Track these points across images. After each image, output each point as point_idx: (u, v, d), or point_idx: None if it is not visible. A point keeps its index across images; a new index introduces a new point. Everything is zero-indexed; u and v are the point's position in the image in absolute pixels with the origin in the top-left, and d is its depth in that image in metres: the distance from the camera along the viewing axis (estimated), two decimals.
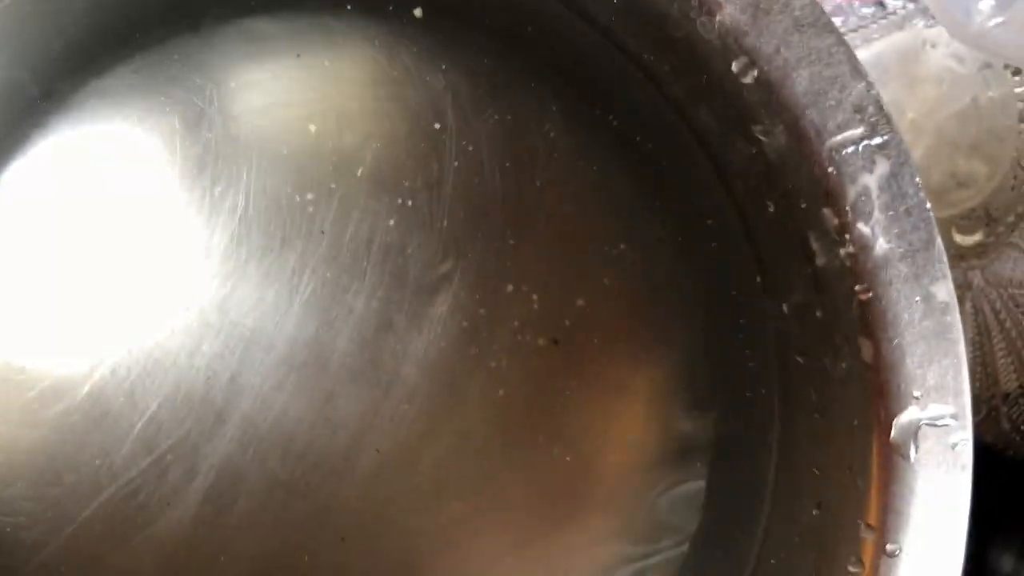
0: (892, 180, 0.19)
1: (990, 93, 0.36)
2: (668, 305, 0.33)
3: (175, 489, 0.33)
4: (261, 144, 0.33)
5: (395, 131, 0.34)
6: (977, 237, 0.38)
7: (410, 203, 0.34)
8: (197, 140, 0.33)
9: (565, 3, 0.25)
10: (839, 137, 0.19)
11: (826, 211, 0.19)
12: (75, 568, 0.33)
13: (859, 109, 0.19)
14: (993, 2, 0.31)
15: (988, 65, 0.37)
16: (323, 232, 0.34)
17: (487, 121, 0.33)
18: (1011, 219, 0.37)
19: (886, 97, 0.19)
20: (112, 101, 0.33)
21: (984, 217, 0.37)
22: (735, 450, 0.29)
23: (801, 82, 0.19)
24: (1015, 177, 0.37)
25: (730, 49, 0.19)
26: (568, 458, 0.34)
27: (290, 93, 0.34)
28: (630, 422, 0.34)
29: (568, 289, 0.34)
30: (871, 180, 0.19)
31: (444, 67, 0.33)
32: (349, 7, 0.34)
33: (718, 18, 0.19)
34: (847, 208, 0.19)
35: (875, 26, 0.36)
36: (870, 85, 0.18)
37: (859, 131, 0.19)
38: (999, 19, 0.30)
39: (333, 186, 0.34)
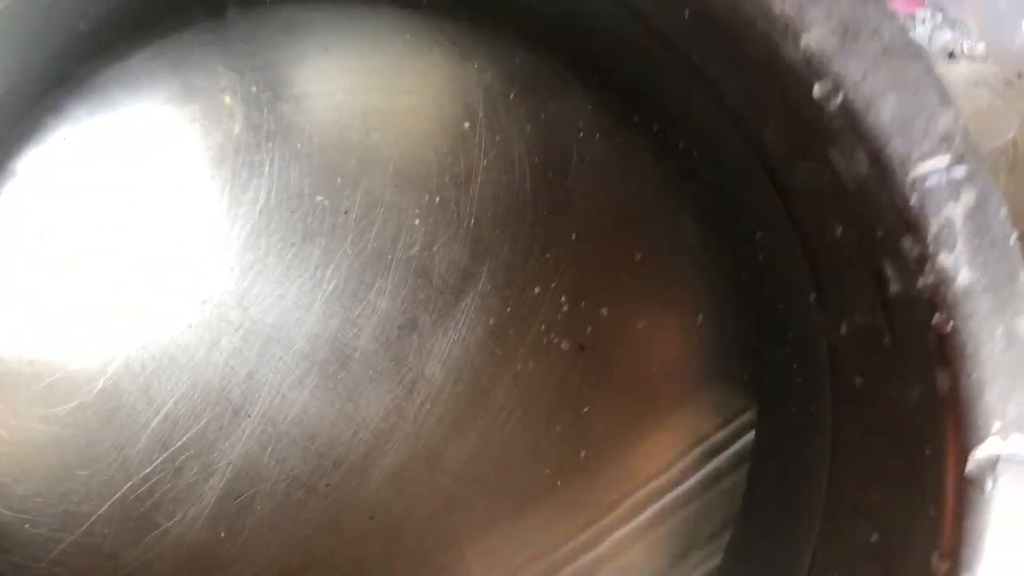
0: (977, 211, 0.18)
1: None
2: (702, 318, 0.32)
3: (191, 487, 0.32)
4: (284, 136, 0.32)
5: (424, 127, 0.33)
6: None
7: (437, 200, 0.33)
8: (218, 129, 0.32)
9: (625, 7, 0.24)
10: (924, 167, 0.18)
11: (906, 240, 0.19)
12: (89, 566, 0.32)
13: (946, 138, 0.18)
14: None
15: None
16: (347, 228, 0.33)
17: (519, 119, 0.33)
18: None
19: None
20: (131, 87, 0.32)
21: None
22: (774, 461, 0.29)
23: (887, 110, 0.18)
24: None
25: (814, 73, 0.18)
26: (592, 461, 0.33)
27: (316, 85, 0.33)
28: (657, 430, 0.34)
29: (595, 295, 0.33)
30: (955, 211, 0.18)
31: (477, 65, 0.32)
32: None
33: (804, 41, 0.18)
34: (929, 239, 0.18)
35: None
36: (958, 114, 0.18)
37: (945, 161, 0.18)
38: None
39: (358, 181, 0.33)
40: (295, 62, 0.32)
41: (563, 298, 0.33)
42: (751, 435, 0.32)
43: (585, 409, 0.34)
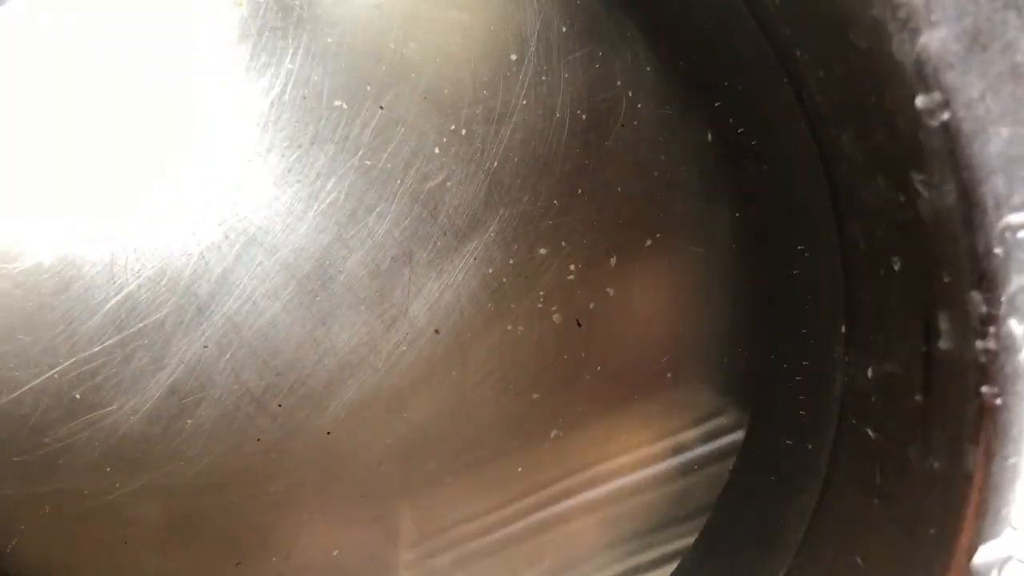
0: None
1: None
2: (716, 319, 0.30)
3: (137, 377, 0.30)
4: (315, 26, 0.30)
5: (467, 49, 0.30)
6: None
7: (463, 132, 0.30)
8: (245, 2, 0.29)
9: None
10: (1021, 216, 0.16)
11: (975, 295, 0.16)
12: (8, 436, 0.30)
13: None
14: None
15: None
16: (361, 141, 0.30)
17: (571, 64, 0.30)
18: None
19: None
20: None
21: None
22: (749, 500, 0.27)
23: (998, 141, 0.15)
24: None
25: (924, 81, 0.15)
26: (560, 444, 0.31)
27: None
28: (636, 424, 0.32)
29: (605, 271, 0.31)
30: None
31: None
32: None
33: (923, 39, 0.15)
34: (1003, 299, 0.16)
35: None
36: None
37: None
38: None
39: (383, 92, 0.30)
40: None
41: (572, 266, 0.31)
42: (730, 462, 0.30)
43: (567, 387, 0.31)
